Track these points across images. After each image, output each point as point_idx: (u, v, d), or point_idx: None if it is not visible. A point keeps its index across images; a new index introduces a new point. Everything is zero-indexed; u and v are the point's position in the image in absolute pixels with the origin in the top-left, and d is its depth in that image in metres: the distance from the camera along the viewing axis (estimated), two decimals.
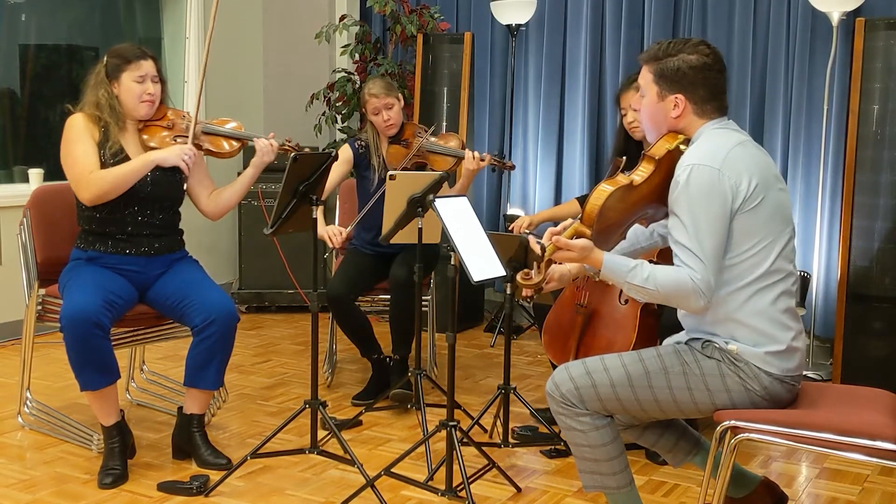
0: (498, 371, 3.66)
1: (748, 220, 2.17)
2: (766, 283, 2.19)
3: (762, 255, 2.18)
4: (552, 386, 2.29)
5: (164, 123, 3.11)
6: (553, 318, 3.25)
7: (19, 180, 4.73)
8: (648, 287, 2.16)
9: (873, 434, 2.09)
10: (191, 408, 3.00)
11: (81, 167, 2.92)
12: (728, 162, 2.16)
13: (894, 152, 3.77)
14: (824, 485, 2.96)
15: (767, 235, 2.18)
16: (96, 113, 2.99)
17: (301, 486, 2.85)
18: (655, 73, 2.29)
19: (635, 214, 2.32)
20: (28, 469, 2.95)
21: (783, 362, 2.20)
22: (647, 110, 2.33)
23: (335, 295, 3.55)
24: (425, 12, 5.21)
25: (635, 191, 2.24)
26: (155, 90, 3.04)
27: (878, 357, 3.76)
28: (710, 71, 2.26)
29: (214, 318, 2.89)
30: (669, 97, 2.27)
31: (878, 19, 3.83)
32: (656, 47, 2.31)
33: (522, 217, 3.55)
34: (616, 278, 2.21)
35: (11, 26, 4.82)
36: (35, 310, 3.17)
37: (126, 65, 2.99)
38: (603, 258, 2.19)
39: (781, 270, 2.21)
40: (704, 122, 2.28)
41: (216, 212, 3.21)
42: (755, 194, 2.16)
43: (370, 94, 3.70)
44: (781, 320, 2.21)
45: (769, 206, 2.19)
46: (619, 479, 2.29)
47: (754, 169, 2.19)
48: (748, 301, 2.19)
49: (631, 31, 4.92)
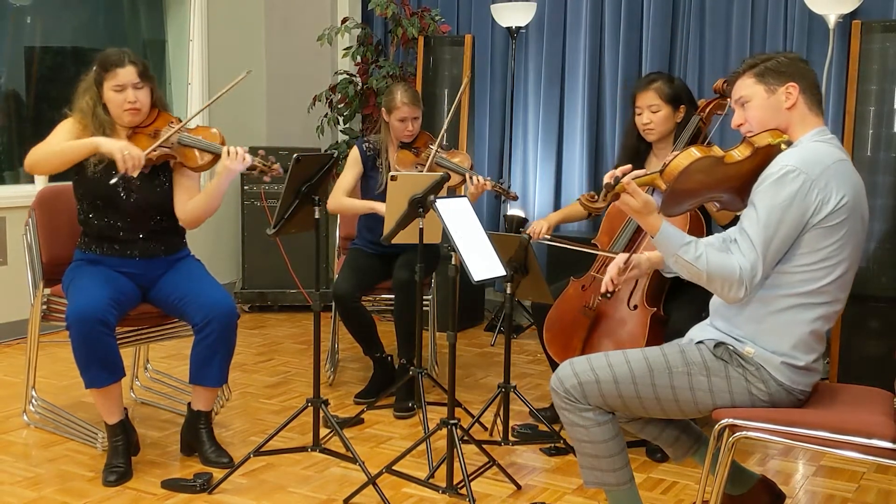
0: (498, 370, 3.68)
1: (821, 236, 2.14)
2: (811, 301, 2.18)
3: (820, 274, 2.16)
4: (556, 381, 2.30)
5: (150, 132, 3.02)
6: (555, 316, 3.25)
7: (25, 181, 4.75)
8: (697, 266, 2.13)
9: (869, 432, 2.10)
10: (197, 404, 3.03)
11: (44, 143, 2.95)
12: (825, 175, 2.13)
13: (890, 153, 3.78)
14: (821, 482, 2.98)
15: (833, 257, 2.16)
16: (84, 121, 2.97)
17: (303, 484, 2.87)
18: (758, 74, 2.25)
19: (712, 192, 2.26)
20: (33, 467, 2.97)
21: (796, 376, 2.21)
22: (757, 112, 2.25)
23: (341, 294, 3.58)
24: (426, 15, 5.24)
25: (723, 167, 2.19)
26: (137, 97, 2.95)
27: (875, 356, 3.76)
28: (805, 63, 2.26)
29: (213, 317, 2.90)
30: (780, 88, 2.23)
31: (875, 22, 3.85)
32: (744, 63, 2.30)
33: (538, 222, 3.45)
34: (668, 247, 2.17)
35: (17, 28, 4.85)
36: (40, 309, 3.19)
37: (105, 73, 2.95)
38: (661, 223, 2.16)
39: (830, 294, 2.19)
40: (811, 124, 2.24)
41: (188, 220, 3.07)
42: (840, 212, 2.13)
43: (402, 103, 3.65)
44: (809, 341, 2.20)
45: (847, 230, 2.17)
46: (619, 476, 2.30)
47: (849, 189, 2.16)
48: (788, 311, 2.18)
49: (630, 33, 4.95)
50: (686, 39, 4.81)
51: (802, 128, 2.25)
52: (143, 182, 3.00)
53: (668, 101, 3.22)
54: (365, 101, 5.32)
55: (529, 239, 3.00)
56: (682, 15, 4.82)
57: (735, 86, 2.31)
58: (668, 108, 3.22)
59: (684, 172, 2.14)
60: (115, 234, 3.01)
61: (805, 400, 2.27)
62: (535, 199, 5.37)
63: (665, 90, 3.22)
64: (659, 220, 2.17)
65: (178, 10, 5.37)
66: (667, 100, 3.22)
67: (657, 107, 3.22)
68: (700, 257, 2.14)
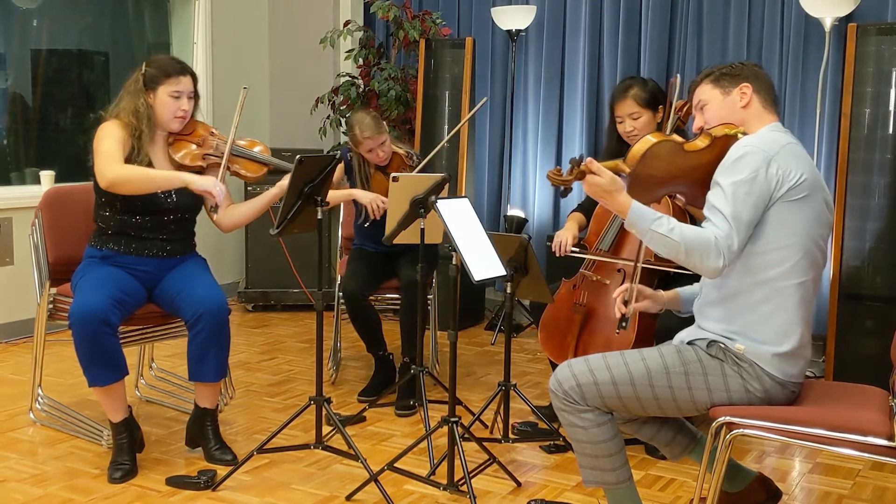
0: (498, 368, 3.71)
1: (787, 212, 2.19)
2: (789, 283, 2.21)
3: (794, 249, 2.20)
4: (555, 382, 2.31)
5: (194, 140, 3.08)
6: (549, 315, 3.28)
7: (31, 182, 4.78)
8: (673, 237, 2.16)
9: (865, 430, 2.12)
10: (201, 401, 3.05)
11: (108, 156, 2.90)
12: (782, 152, 2.20)
13: (885, 154, 3.80)
14: (817, 479, 3.00)
15: (804, 231, 2.21)
16: (133, 121, 2.97)
17: (306, 481, 2.89)
18: (714, 79, 2.35)
19: (674, 182, 2.31)
20: (39, 464, 2.99)
21: (787, 366, 2.23)
22: (715, 111, 2.34)
23: (351, 292, 3.61)
24: (427, 18, 5.27)
25: (683, 155, 2.25)
26: (189, 107, 3.03)
27: (870, 355, 3.79)
28: (759, 68, 2.36)
29: (203, 313, 2.91)
30: (734, 90, 2.32)
31: (870, 25, 3.87)
32: (702, 73, 2.40)
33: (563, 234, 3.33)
34: (641, 225, 2.19)
35: (24, 31, 4.88)
36: (46, 308, 3.21)
37: (165, 78, 2.98)
38: (630, 201, 2.19)
39: (804, 273, 2.23)
40: (766, 121, 2.32)
41: (229, 225, 3.17)
42: (802, 187, 2.18)
43: (364, 138, 3.67)
44: (795, 322, 2.23)
45: (812, 206, 2.21)
46: (618, 475, 2.32)
47: (806, 166, 2.22)
48: (768, 299, 2.22)
49: (628, 36, 4.99)
50: (684, 43, 4.85)
51: (758, 124, 2.32)
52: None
53: (646, 106, 3.23)
54: (367, 103, 5.35)
55: (529, 239, 3.03)
56: (679, 18, 4.85)
57: (694, 93, 2.40)
58: (648, 113, 3.24)
59: (645, 156, 2.20)
60: (138, 233, 3.02)
61: (798, 392, 2.30)
62: (534, 201, 5.40)
63: (642, 95, 3.23)
64: (628, 198, 2.20)
65: (182, 14, 5.40)
66: (645, 104, 3.23)
67: (638, 113, 3.23)
68: (674, 230, 2.17)
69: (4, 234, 4.47)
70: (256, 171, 3.15)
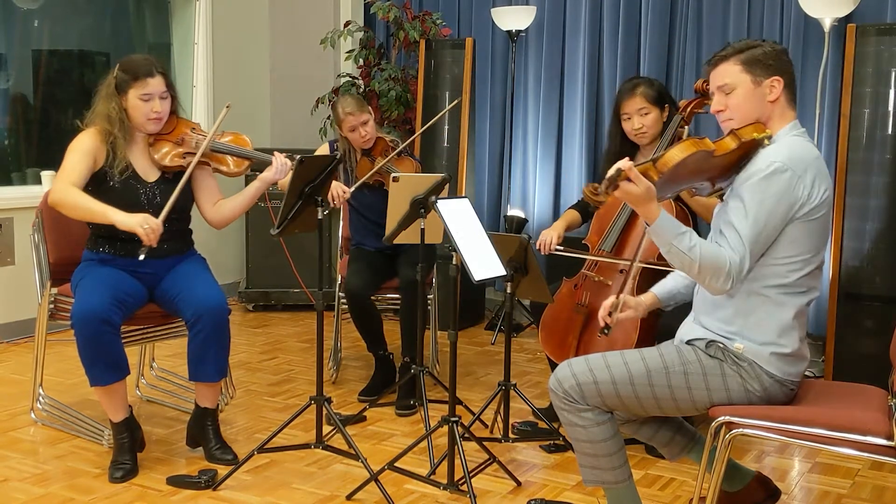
0: (498, 368, 3.72)
1: (802, 229, 2.19)
2: (792, 291, 2.23)
3: (798, 265, 2.22)
4: (555, 382, 2.31)
5: (174, 139, 3.07)
6: (550, 315, 3.29)
7: (32, 182, 4.79)
8: (691, 256, 2.15)
9: (864, 430, 2.12)
10: (202, 401, 3.06)
11: (64, 173, 2.90)
12: (810, 171, 2.18)
13: (885, 154, 3.80)
14: (817, 479, 3.01)
15: (811, 249, 2.22)
16: (107, 127, 2.96)
17: (306, 480, 2.90)
18: (745, 63, 2.25)
19: (696, 181, 2.30)
20: (41, 463, 3.00)
21: (786, 366, 2.24)
22: (742, 101, 2.26)
23: (354, 292, 3.61)
24: (428, 18, 5.27)
25: (711, 160, 2.22)
26: (163, 107, 2.99)
27: (869, 355, 3.79)
28: (788, 56, 2.29)
29: (202, 314, 2.92)
30: (766, 81, 2.25)
31: (869, 25, 3.88)
32: (730, 47, 2.29)
33: (547, 233, 3.37)
34: (663, 236, 2.17)
35: (25, 32, 4.89)
36: (47, 308, 3.22)
37: (133, 81, 2.95)
38: (660, 212, 2.15)
39: (807, 284, 2.25)
40: (788, 118, 2.29)
41: (219, 221, 3.18)
42: (821, 206, 2.19)
43: (345, 113, 3.71)
44: (794, 327, 2.25)
45: (824, 222, 2.23)
46: (617, 474, 2.32)
47: (827, 182, 2.22)
48: (770, 302, 2.23)
49: (628, 37, 4.99)
50: (683, 43, 4.85)
51: (781, 121, 2.29)
52: (165, 186, 3.03)
53: (654, 103, 3.25)
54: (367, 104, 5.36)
55: (529, 239, 3.04)
56: (679, 19, 4.86)
57: (718, 68, 2.29)
58: (656, 110, 3.25)
59: (679, 163, 2.16)
60: (129, 235, 2.99)
61: (796, 391, 2.30)
62: (534, 201, 5.40)
63: (650, 93, 3.25)
64: (658, 208, 2.16)
65: (183, 14, 5.41)
66: (653, 101, 3.25)
67: (646, 109, 3.25)
68: (694, 248, 2.16)
69: (5, 234, 4.48)
70: (238, 166, 3.16)
